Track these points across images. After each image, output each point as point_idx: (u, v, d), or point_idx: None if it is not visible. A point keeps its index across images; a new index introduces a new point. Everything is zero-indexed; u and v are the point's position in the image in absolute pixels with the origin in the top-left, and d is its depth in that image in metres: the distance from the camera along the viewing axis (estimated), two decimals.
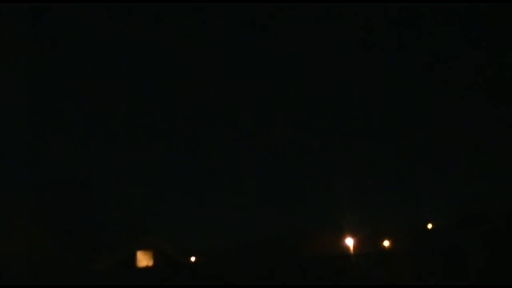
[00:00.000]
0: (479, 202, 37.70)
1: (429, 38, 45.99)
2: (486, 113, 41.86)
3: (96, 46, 45.81)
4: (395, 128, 44.74)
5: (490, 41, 44.25)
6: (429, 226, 40.53)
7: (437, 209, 39.40)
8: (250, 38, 47.02)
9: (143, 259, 37.64)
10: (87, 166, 42.11)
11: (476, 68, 44.16)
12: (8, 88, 42.04)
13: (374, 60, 46.04)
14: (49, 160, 41.28)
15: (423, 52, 46.17)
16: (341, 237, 35.43)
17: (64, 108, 45.37)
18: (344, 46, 46.38)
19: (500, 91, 43.59)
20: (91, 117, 45.04)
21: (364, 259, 30.77)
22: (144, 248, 37.69)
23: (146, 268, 36.69)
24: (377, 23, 45.80)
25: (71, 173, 41.42)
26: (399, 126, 44.49)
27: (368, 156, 43.76)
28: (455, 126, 43.35)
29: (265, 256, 35.87)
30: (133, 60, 45.41)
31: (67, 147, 42.59)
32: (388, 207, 40.50)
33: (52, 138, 42.15)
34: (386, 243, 39.71)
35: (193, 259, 39.90)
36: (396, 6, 44.31)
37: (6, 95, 41.70)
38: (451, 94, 44.30)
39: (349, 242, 34.46)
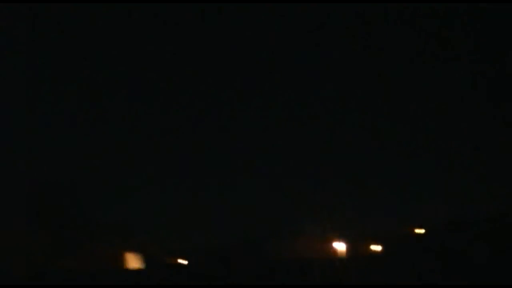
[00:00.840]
0: (472, 206, 37.60)
1: (429, 38, 45.82)
2: (482, 115, 41.65)
3: (84, 47, 45.89)
4: (389, 129, 44.49)
5: (490, 41, 44.01)
6: (419, 231, 40.26)
7: (430, 212, 39.21)
8: (249, 37, 46.91)
9: (132, 261, 37.77)
10: (75, 168, 42.19)
11: (476, 68, 44.01)
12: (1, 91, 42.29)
13: (372, 60, 45.86)
14: (37, 161, 41.39)
15: (422, 52, 45.97)
16: (330, 241, 35.43)
17: (55, 110, 45.51)
18: (343, 46, 46.24)
19: (500, 92, 43.40)
20: (82, 117, 45.13)
21: (353, 262, 30.85)
22: (132, 250, 37.92)
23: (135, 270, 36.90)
24: (377, 23, 45.70)
25: (60, 175, 41.56)
26: (393, 127, 44.24)
27: (361, 158, 43.57)
28: (450, 128, 43.14)
29: (249, 259, 35.91)
30: (123, 61, 45.43)
31: (55, 146, 42.71)
32: (380, 211, 40.31)
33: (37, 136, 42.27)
34: (377, 247, 39.51)
35: (181, 261, 39.94)
36: (396, 6, 44.24)
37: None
38: (448, 96, 44.08)
39: (339, 245, 34.43)
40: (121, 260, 38.39)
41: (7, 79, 42.52)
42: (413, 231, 39.49)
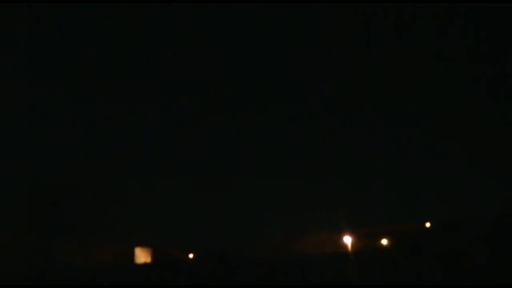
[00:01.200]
0: (472, 205, 37.60)
1: (429, 38, 45.85)
2: (482, 115, 41.68)
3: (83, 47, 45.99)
4: (389, 130, 44.56)
5: (490, 41, 44.02)
6: (427, 225, 40.18)
7: (430, 212, 39.27)
8: (248, 37, 46.94)
9: (141, 256, 37.85)
10: (85, 166, 42.29)
11: (476, 68, 44.01)
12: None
13: (373, 60, 45.87)
14: (43, 160, 41.51)
15: (422, 52, 45.99)
16: (339, 236, 35.52)
17: (58, 109, 45.57)
18: (343, 45, 46.24)
19: (500, 92, 43.42)
20: (84, 117, 45.25)
21: (362, 257, 30.94)
22: (142, 245, 38.04)
23: (144, 264, 37.01)
24: (377, 23, 45.72)
25: (69, 172, 41.68)
26: (394, 128, 44.31)
27: (367, 155, 43.59)
28: (450, 128, 43.15)
29: (262, 255, 36.01)
30: (123, 62, 45.49)
31: (62, 146, 42.80)
32: (386, 206, 40.41)
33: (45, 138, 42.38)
34: (384, 241, 39.67)
35: (191, 255, 40.01)
36: (396, 7, 44.23)
37: None
38: (448, 95, 44.07)
39: (347, 240, 34.57)
40: (122, 256, 38.46)
41: (7, 79, 42.56)
42: (413, 231, 39.55)
